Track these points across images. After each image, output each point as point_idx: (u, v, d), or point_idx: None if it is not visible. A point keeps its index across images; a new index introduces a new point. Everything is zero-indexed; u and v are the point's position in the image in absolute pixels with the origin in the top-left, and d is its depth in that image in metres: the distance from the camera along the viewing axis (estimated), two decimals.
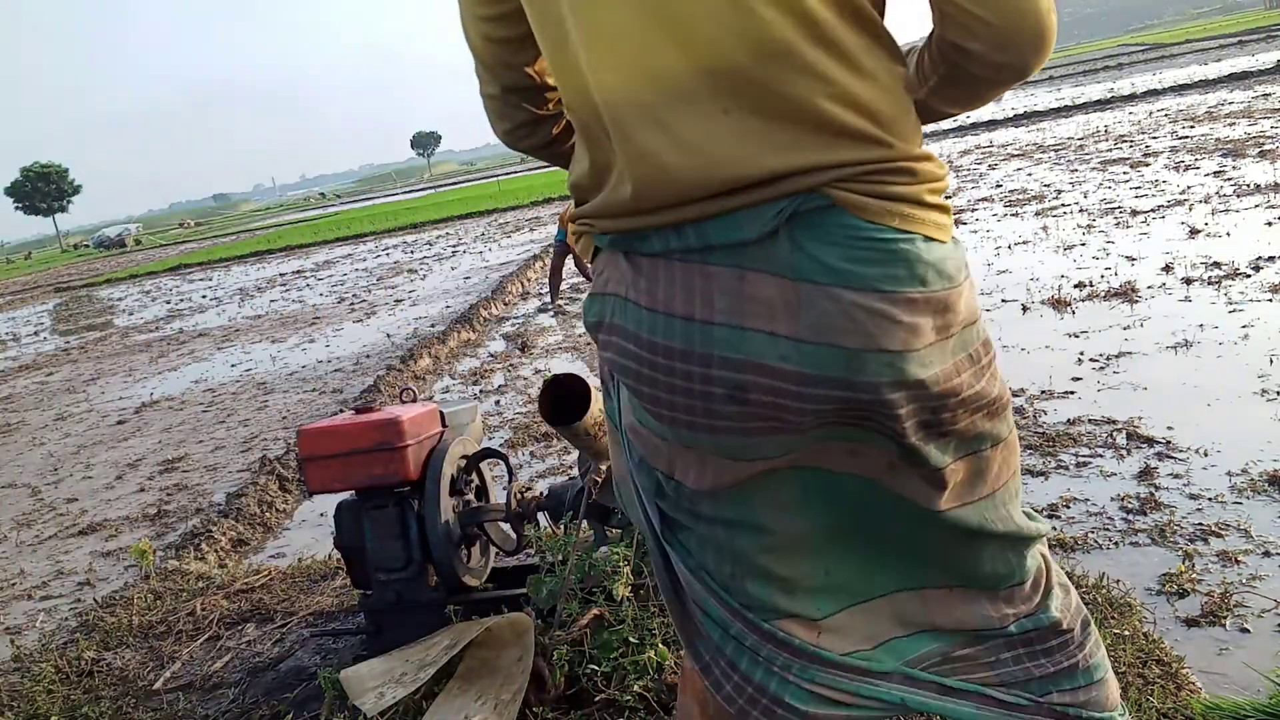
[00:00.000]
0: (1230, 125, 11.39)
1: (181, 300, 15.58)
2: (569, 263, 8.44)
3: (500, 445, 4.45)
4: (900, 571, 1.12)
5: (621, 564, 2.04)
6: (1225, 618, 2.13)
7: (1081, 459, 3.12)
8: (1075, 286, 5.34)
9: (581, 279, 8.93)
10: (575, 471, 3.57)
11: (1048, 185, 9.53)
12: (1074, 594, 1.20)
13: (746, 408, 0.99)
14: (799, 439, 1.02)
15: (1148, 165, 9.51)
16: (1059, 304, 5.05)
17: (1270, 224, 5.95)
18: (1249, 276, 4.90)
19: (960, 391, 1.00)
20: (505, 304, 8.95)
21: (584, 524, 2.20)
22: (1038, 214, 7.96)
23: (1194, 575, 2.32)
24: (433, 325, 8.22)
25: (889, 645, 1.12)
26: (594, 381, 1.83)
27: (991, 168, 12.10)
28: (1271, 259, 5.12)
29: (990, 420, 1.06)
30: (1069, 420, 3.46)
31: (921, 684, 1.13)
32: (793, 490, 1.07)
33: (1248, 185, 7.34)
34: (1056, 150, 12.64)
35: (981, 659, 1.15)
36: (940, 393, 0.99)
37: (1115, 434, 3.26)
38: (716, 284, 0.98)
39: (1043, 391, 3.79)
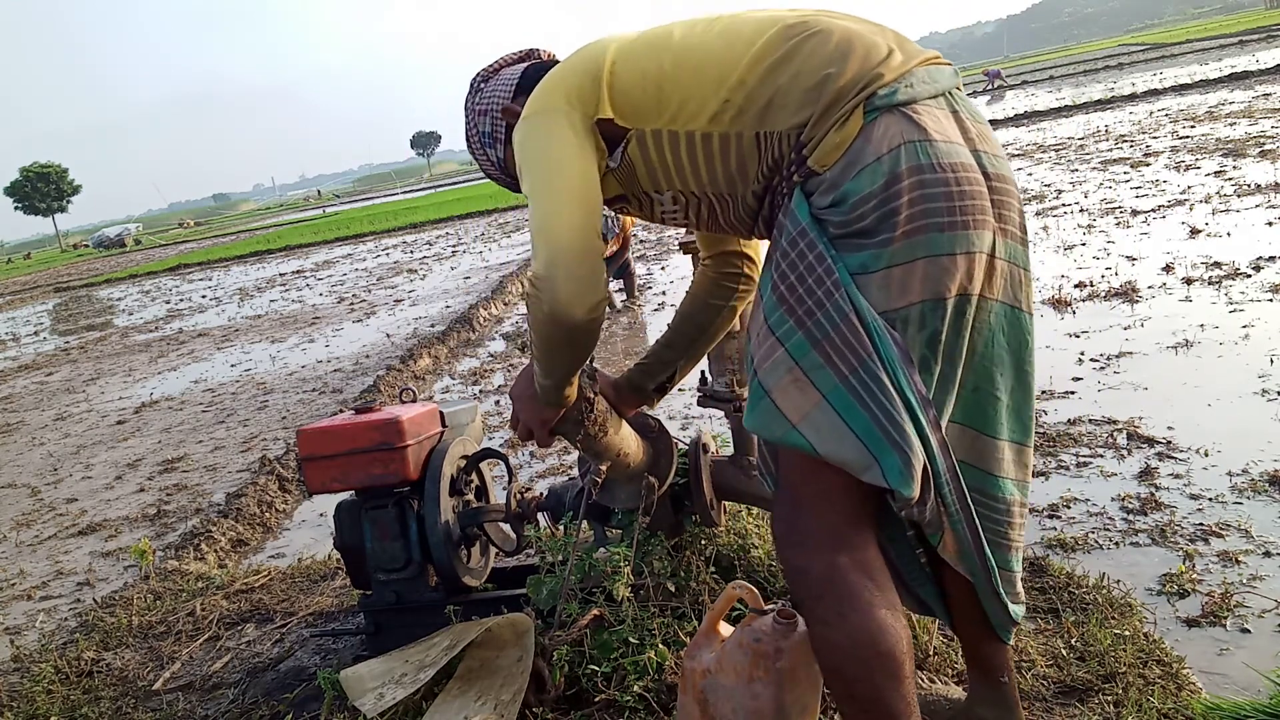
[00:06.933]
0: (1231, 125, 11.39)
1: (181, 300, 15.57)
2: None
3: (500, 445, 4.45)
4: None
5: (621, 564, 2.04)
6: (1226, 618, 2.13)
7: (1082, 459, 3.11)
8: (1076, 286, 5.33)
9: None
10: (575, 471, 3.57)
11: (1048, 185, 9.53)
12: None
13: None
14: None
15: (1148, 165, 9.51)
16: (1059, 304, 5.04)
17: (1270, 224, 5.95)
18: (1249, 276, 4.90)
19: None
20: (505, 304, 8.95)
21: (584, 524, 2.20)
22: (1038, 214, 7.95)
23: (1194, 575, 2.32)
24: (432, 325, 8.21)
25: None
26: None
27: None
28: (1272, 259, 5.12)
29: None
30: (1069, 420, 3.46)
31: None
32: None
33: (1248, 185, 7.34)
34: (1057, 150, 12.64)
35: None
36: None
37: (1115, 434, 3.26)
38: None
39: (1043, 391, 3.79)
